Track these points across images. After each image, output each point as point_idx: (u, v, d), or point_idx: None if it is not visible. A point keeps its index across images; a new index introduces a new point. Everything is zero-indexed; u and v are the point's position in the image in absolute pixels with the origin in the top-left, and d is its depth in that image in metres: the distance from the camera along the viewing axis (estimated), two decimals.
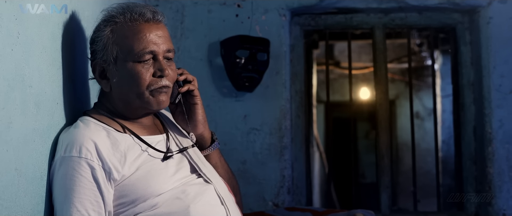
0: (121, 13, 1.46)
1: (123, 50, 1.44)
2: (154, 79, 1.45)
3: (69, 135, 1.40)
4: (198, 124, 1.61)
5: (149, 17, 1.46)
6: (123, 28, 1.45)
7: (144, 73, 1.44)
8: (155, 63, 1.46)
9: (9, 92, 1.19)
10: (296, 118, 2.83)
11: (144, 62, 1.44)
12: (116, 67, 1.45)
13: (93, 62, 1.50)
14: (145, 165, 1.43)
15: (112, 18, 1.46)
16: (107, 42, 1.45)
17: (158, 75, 1.46)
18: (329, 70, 3.06)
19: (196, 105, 1.60)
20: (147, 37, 1.44)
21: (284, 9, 2.70)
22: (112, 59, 1.45)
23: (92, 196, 1.35)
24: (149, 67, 1.45)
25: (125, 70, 1.44)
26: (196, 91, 1.59)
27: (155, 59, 1.46)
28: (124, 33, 1.44)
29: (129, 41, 1.44)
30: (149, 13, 1.46)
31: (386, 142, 2.85)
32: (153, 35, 1.45)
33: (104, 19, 1.48)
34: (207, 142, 1.65)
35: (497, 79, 2.63)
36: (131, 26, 1.45)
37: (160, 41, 1.46)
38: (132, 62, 1.44)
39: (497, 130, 2.63)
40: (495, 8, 2.65)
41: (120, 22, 1.45)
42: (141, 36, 1.44)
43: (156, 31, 1.46)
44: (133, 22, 1.45)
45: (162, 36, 1.47)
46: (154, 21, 1.47)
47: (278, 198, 2.64)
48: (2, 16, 1.17)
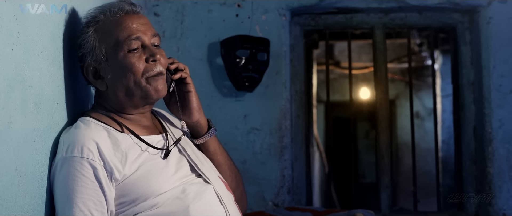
0: (101, 12, 1.49)
1: (110, 45, 1.46)
2: (148, 65, 1.47)
3: (70, 135, 1.40)
4: (193, 112, 1.61)
5: (128, 9, 1.49)
6: (105, 25, 1.47)
7: (136, 61, 1.45)
8: (144, 50, 1.48)
9: (9, 92, 1.19)
10: (296, 118, 2.83)
11: (134, 51, 1.46)
12: (108, 64, 1.46)
13: (84, 66, 1.51)
14: (145, 165, 1.43)
15: (93, 19, 1.49)
16: (93, 42, 1.47)
17: (151, 60, 1.47)
18: (329, 70, 3.05)
19: (190, 93, 1.61)
20: (131, 26, 1.47)
21: (284, 9, 2.70)
22: (102, 56, 1.47)
23: (95, 196, 1.36)
24: (140, 55, 1.47)
25: (118, 63, 1.45)
26: (188, 78, 1.60)
27: (144, 47, 1.48)
28: (107, 29, 1.47)
29: (114, 34, 1.46)
30: (127, 6, 1.49)
31: (386, 142, 2.85)
32: (136, 24, 1.48)
33: (85, 22, 1.51)
34: (203, 129, 1.65)
35: (497, 79, 2.63)
36: (113, 20, 1.48)
37: (144, 28, 1.49)
38: (122, 52, 1.45)
39: (497, 130, 2.63)
40: (495, 8, 2.65)
41: (102, 20, 1.48)
42: (124, 26, 1.47)
43: (138, 20, 1.49)
44: (113, 16, 1.48)
45: (145, 23, 1.50)
46: (133, 12, 1.50)
47: (278, 198, 2.64)
48: (2, 16, 1.17)
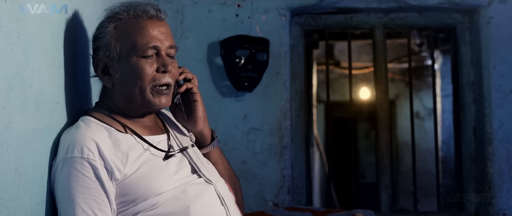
0: (124, 10, 1.48)
1: (126, 46, 1.45)
2: (157, 74, 1.46)
3: (71, 135, 1.40)
4: (198, 121, 1.61)
5: (152, 14, 1.48)
6: (126, 24, 1.47)
7: (147, 68, 1.45)
8: (158, 59, 1.47)
9: (9, 92, 1.19)
10: (296, 118, 2.83)
11: (147, 57, 1.45)
12: (119, 63, 1.46)
13: (95, 58, 1.51)
14: (146, 165, 1.43)
15: (115, 15, 1.48)
16: (110, 38, 1.47)
17: (161, 71, 1.47)
18: (329, 70, 3.05)
19: (196, 102, 1.61)
20: (150, 32, 1.46)
21: (284, 9, 2.70)
22: (115, 55, 1.46)
23: (97, 195, 1.35)
24: (152, 63, 1.46)
25: (129, 65, 1.45)
26: (195, 88, 1.60)
27: (158, 55, 1.47)
28: (127, 29, 1.46)
29: (132, 37, 1.45)
30: (152, 10, 1.48)
31: (386, 142, 2.85)
32: (156, 31, 1.47)
33: (107, 16, 1.50)
34: (207, 139, 1.66)
35: (497, 79, 2.63)
36: (135, 22, 1.47)
37: (163, 37, 1.48)
38: (136, 57, 1.45)
39: (497, 130, 2.63)
40: (495, 8, 2.65)
41: (124, 18, 1.47)
42: (144, 32, 1.46)
43: (159, 28, 1.48)
44: (136, 19, 1.47)
45: (165, 32, 1.49)
46: (157, 18, 1.49)
47: (278, 198, 2.64)
48: (2, 16, 1.17)
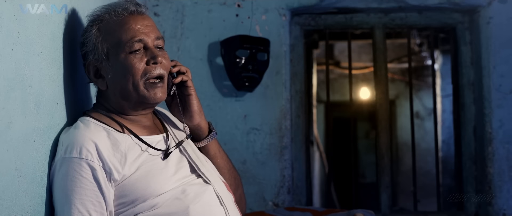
0: (105, 12, 1.49)
1: (112, 45, 1.46)
2: (148, 67, 1.46)
3: (69, 136, 1.40)
4: (194, 115, 1.61)
5: (132, 10, 1.49)
6: (109, 24, 1.47)
7: (137, 63, 1.45)
8: (146, 52, 1.47)
9: (9, 92, 1.19)
10: (296, 118, 2.83)
11: (135, 52, 1.45)
12: (109, 63, 1.46)
13: (86, 64, 1.51)
14: (145, 165, 1.43)
15: (97, 18, 1.49)
16: (96, 40, 1.47)
17: (152, 63, 1.47)
18: (329, 70, 3.05)
19: (191, 96, 1.61)
20: (134, 27, 1.47)
21: (284, 9, 2.70)
22: (104, 56, 1.47)
23: (93, 197, 1.36)
24: (141, 57, 1.46)
25: (118, 63, 1.45)
26: (189, 82, 1.60)
27: (146, 49, 1.48)
28: (111, 28, 1.47)
29: (117, 34, 1.46)
30: (132, 6, 1.49)
31: (386, 142, 2.85)
32: (139, 25, 1.48)
33: (90, 21, 1.51)
34: (204, 132, 1.65)
35: (497, 79, 2.63)
36: (117, 20, 1.47)
37: (147, 30, 1.48)
38: (124, 54, 1.45)
39: (497, 130, 2.63)
40: (495, 8, 2.65)
41: (105, 19, 1.48)
42: (128, 27, 1.46)
43: (142, 21, 1.49)
44: (117, 16, 1.47)
45: (149, 25, 1.50)
46: (138, 13, 1.50)
47: (278, 198, 2.64)
48: (2, 16, 1.17)
